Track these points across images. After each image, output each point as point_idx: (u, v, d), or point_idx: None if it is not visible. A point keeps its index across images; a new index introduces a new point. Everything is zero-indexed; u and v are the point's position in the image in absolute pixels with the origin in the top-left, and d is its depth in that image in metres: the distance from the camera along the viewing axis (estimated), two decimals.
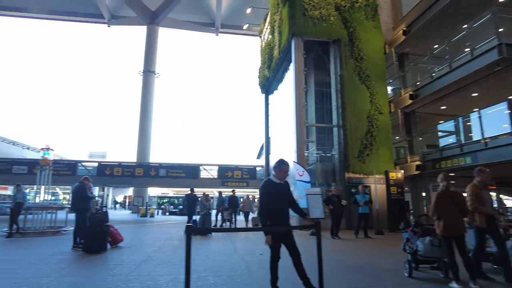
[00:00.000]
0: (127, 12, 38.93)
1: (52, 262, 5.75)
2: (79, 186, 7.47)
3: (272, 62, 18.33)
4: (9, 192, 30.78)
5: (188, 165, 22.66)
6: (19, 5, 37.32)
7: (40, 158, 26.23)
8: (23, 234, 9.87)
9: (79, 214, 7.34)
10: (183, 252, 7.29)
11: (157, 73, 36.06)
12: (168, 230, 13.02)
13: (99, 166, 21.56)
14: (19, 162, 20.96)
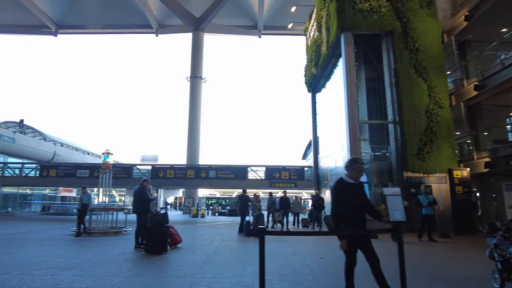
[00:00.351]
0: (173, 20, 40.42)
1: (119, 262, 5.93)
2: (140, 188, 7.69)
3: (320, 59, 17.84)
4: (73, 194, 33.37)
5: (236, 166, 22.84)
6: (80, 23, 40.36)
7: (99, 163, 28.13)
8: (89, 234, 10.48)
9: (140, 215, 7.55)
10: (241, 253, 7.26)
11: (203, 78, 36.96)
12: (221, 230, 13.12)
13: (153, 169, 22.49)
14: (82, 166, 22.54)
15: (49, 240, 9.19)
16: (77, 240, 9.25)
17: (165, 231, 7.04)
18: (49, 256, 6.33)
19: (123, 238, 9.90)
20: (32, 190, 29.34)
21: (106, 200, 12.35)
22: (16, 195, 27.49)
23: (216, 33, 41.58)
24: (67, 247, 7.83)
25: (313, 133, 21.61)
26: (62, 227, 14.20)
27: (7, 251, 6.94)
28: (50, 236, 10.31)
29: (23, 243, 8.48)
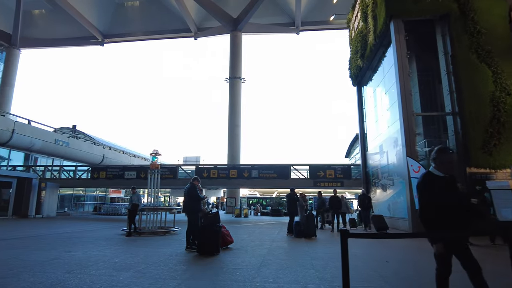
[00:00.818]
0: (211, 23, 40.93)
1: (172, 263, 5.74)
2: (190, 187, 7.53)
3: (366, 50, 16.90)
4: (122, 195, 34.89)
5: (279, 165, 22.39)
6: (123, 31, 42.20)
7: (145, 164, 29.05)
8: (139, 234, 10.60)
9: (191, 215, 7.38)
10: (297, 255, 6.81)
11: (242, 79, 36.96)
12: (269, 231, 12.76)
13: (197, 169, 22.72)
14: (129, 168, 23.33)
15: (103, 239, 9.37)
16: (128, 240, 9.34)
17: (217, 231, 6.79)
18: (105, 256, 6.32)
19: (172, 238, 9.86)
20: (85, 191, 30.99)
21: (152, 200, 12.49)
22: (71, 196, 29.14)
23: (253, 32, 41.47)
24: (120, 247, 7.87)
25: (360, 129, 20.60)
26: (113, 226, 14.65)
27: (67, 249, 7.07)
28: (103, 235, 10.56)
29: (81, 242, 8.69)
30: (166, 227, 11.48)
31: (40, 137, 24.17)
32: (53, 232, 11.42)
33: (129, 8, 42.78)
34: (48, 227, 14.21)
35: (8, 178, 20.82)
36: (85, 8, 37.95)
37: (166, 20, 41.86)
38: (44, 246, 7.69)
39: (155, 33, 43.11)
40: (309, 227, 10.30)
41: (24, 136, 22.73)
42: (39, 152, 25.17)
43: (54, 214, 23.40)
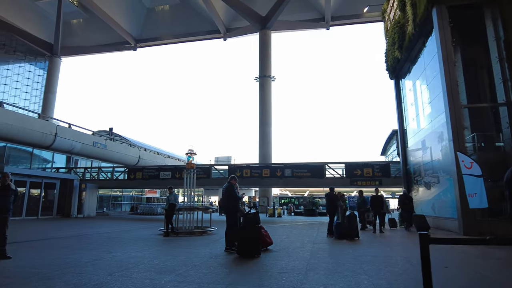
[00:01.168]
0: (239, 23, 40.94)
1: (213, 266, 5.51)
2: (228, 187, 7.29)
3: (405, 40, 15.95)
4: (157, 195, 35.69)
5: (313, 164, 21.81)
6: (155, 36, 43.24)
7: (180, 164, 29.45)
8: (177, 234, 10.55)
9: (230, 215, 7.14)
10: (343, 259, 6.31)
11: (272, 77, 36.61)
12: (307, 232, 12.31)
13: (230, 169, 22.65)
14: (164, 168, 23.72)
15: (141, 239, 9.38)
16: (166, 240, 9.28)
17: (257, 232, 6.49)
18: (145, 258, 6.22)
19: (210, 238, 9.70)
20: (122, 192, 31.96)
21: (187, 200, 12.43)
22: (109, 196, 30.14)
23: (282, 30, 41.02)
24: (159, 248, 7.79)
25: (398, 124, 19.57)
26: (150, 226, 14.83)
27: (108, 250, 7.07)
28: (141, 235, 10.62)
29: (120, 242, 8.73)
30: (203, 227, 11.38)
31: (79, 140, 25.17)
32: (93, 232, 11.68)
33: (160, 12, 43.75)
34: (88, 226, 14.63)
35: (52, 179, 21.83)
36: (118, 14, 39.22)
37: (195, 23, 42.35)
38: (85, 246, 7.77)
39: (185, 36, 43.74)
40: (351, 228, 9.76)
41: (65, 139, 23.75)
42: (79, 154, 26.22)
43: (94, 214, 24.27)
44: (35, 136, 21.51)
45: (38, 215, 20.11)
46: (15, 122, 20.07)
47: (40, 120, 23.25)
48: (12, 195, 6.18)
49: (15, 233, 11.02)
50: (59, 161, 25.91)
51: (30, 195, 20.49)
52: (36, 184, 20.60)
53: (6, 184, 6.15)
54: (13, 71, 39.86)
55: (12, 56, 39.40)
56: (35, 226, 14.46)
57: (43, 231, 12.49)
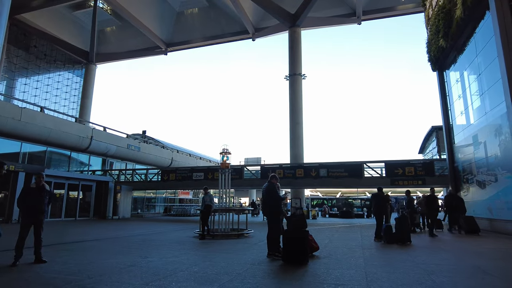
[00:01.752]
0: (268, 22, 40.45)
1: (259, 275, 4.92)
2: (269, 186, 6.70)
3: (452, 27, 14.66)
4: (190, 196, 35.82)
5: (350, 163, 20.72)
6: (184, 39, 43.72)
7: (212, 166, 29.29)
8: (213, 236, 10.09)
9: (272, 218, 6.52)
10: (405, 268, 5.29)
11: (303, 75, 35.73)
12: (349, 235, 11.45)
13: (262, 169, 22.10)
14: (197, 169, 23.58)
15: (177, 242, 8.99)
16: (203, 244, 8.82)
17: (305, 236, 5.83)
18: (183, 263, 5.74)
19: (248, 242, 9.14)
20: (155, 194, 32.32)
21: (222, 201, 11.97)
22: (143, 198, 30.54)
23: (312, 26, 40.02)
24: (196, 252, 7.32)
25: (443, 119, 18.17)
26: (184, 228, 14.55)
27: (143, 255, 6.69)
28: (177, 238, 10.26)
29: (155, 245, 8.38)
30: (239, 229, 10.84)
31: (114, 143, 25.64)
32: (128, 234, 11.49)
33: (189, 15, 44.15)
34: (123, 228, 14.59)
35: (89, 181, 22.30)
36: (149, 20, 39.97)
37: (224, 24, 42.41)
38: (121, 250, 7.45)
39: (214, 38, 43.84)
40: (403, 232, 8.83)
41: (100, 142, 24.24)
42: (114, 157, 26.73)
43: (129, 216, 24.57)
44: (72, 139, 22.08)
45: (76, 217, 20.56)
46: (54, 126, 20.68)
47: (77, 124, 23.89)
48: (47, 197, 5.94)
49: (53, 235, 11.06)
50: (95, 165, 26.56)
51: (69, 197, 21.00)
52: (74, 186, 21.11)
53: (41, 185, 5.92)
54: (53, 79, 41.65)
55: (53, 65, 41.23)
56: (72, 228, 14.62)
57: (79, 233, 12.51)
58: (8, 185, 16.94)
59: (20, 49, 37.00)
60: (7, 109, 18.54)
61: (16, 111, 18.77)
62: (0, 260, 5.80)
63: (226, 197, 11.29)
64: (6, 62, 35.49)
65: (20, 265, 5.46)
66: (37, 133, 19.81)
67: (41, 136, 20.14)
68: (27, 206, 5.74)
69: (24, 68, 37.70)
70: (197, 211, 24.86)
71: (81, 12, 40.36)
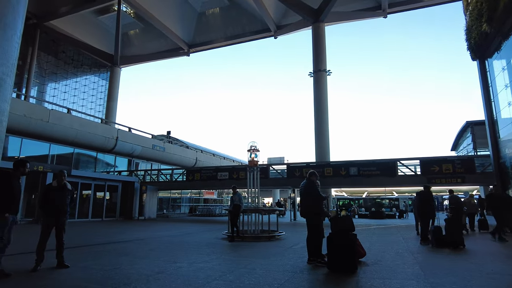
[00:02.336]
0: (290, 19, 39.71)
1: (303, 285, 4.25)
2: (308, 184, 6.02)
3: (497, 9, 13.40)
4: (215, 196, 35.53)
5: (383, 161, 19.60)
6: (206, 39, 43.67)
7: (237, 165, 28.82)
8: (242, 238, 9.49)
9: (313, 219, 5.83)
10: (474, 279, 4.13)
11: (328, 71, 34.69)
12: (390, 238, 10.53)
13: (288, 168, 21.34)
14: (222, 169, 23.13)
15: (206, 245, 8.45)
16: (233, 246, 8.24)
17: (353, 242, 5.10)
18: (215, 270, 5.15)
19: (281, 245, 8.46)
20: (180, 194, 32.24)
21: (251, 200, 11.34)
22: (168, 198, 30.50)
23: (336, 21, 38.85)
24: (228, 256, 6.73)
25: (486, 112, 16.79)
26: (211, 229, 14.07)
27: (171, 259, 6.16)
28: (204, 240, 9.73)
29: (183, 248, 7.87)
30: (270, 231, 10.18)
31: (139, 143, 25.66)
32: (154, 236, 11.10)
33: (210, 16, 44.02)
34: (149, 229, 14.28)
35: (115, 182, 22.34)
36: (171, 22, 40.13)
37: (245, 23, 41.98)
38: (147, 254, 6.96)
39: (235, 37, 43.51)
40: (453, 234, 7.88)
41: (126, 142, 24.30)
42: (139, 157, 26.78)
43: (155, 216, 24.48)
44: (98, 140, 22.21)
45: (103, 217, 20.58)
46: (80, 127, 20.84)
47: (102, 125, 24.06)
48: (69, 196, 5.52)
49: (80, 236, 10.83)
50: (121, 166, 26.71)
51: (95, 197, 21.09)
52: (100, 187, 21.18)
53: (63, 183, 5.50)
54: (80, 83, 42.64)
55: (80, 69, 42.24)
56: (99, 228, 14.46)
57: (105, 234, 12.26)
58: (37, 186, 17.11)
59: (49, 55, 38.07)
60: (36, 111, 18.80)
61: (44, 113, 19.00)
62: (22, 264, 5.43)
63: (255, 196, 10.63)
64: (37, 67, 36.56)
65: (42, 269, 5.06)
66: (64, 134, 20.02)
67: (68, 137, 20.33)
68: (49, 206, 5.34)
69: (53, 73, 38.78)
70: (224, 211, 24.40)
71: (105, 17, 41.09)
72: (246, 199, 11.79)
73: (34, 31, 35.63)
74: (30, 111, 18.24)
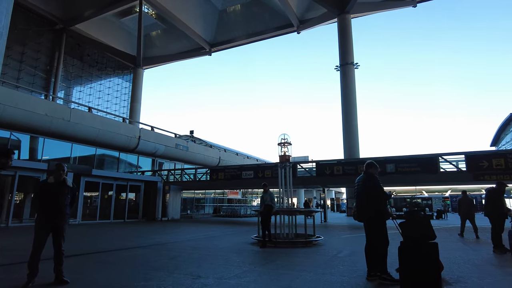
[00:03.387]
0: (313, 13, 38.33)
1: None
2: (366, 179, 4.81)
3: None
4: (239, 196, 34.54)
5: (423, 156, 17.81)
6: (228, 38, 42.95)
7: (262, 164, 27.64)
8: (275, 244, 8.26)
9: (373, 222, 4.53)
10: None
11: (356, 63, 32.93)
12: (448, 244, 8.98)
13: (318, 166, 19.86)
14: (246, 167, 22.02)
15: (234, 252, 7.29)
16: (267, 254, 7.03)
17: (435, 252, 3.77)
18: None
19: (323, 253, 7.17)
20: (204, 194, 31.49)
21: (285, 201, 10.10)
22: (192, 198, 29.80)
23: (363, 12, 36.94)
24: (264, 269, 5.49)
25: None
26: (237, 231, 12.95)
27: (194, 272, 5.02)
28: (232, 245, 8.57)
29: (208, 256, 6.75)
30: (306, 235, 8.90)
31: (162, 142, 25.00)
32: (177, 239, 10.07)
33: (232, 13, 43.21)
34: (172, 231, 13.34)
35: (137, 182, 21.70)
36: (193, 21, 39.68)
37: (268, 19, 40.88)
38: (166, 264, 5.83)
39: (257, 34, 42.49)
40: None
41: (148, 142, 23.66)
42: (162, 157, 26.13)
43: (178, 217, 23.70)
44: (120, 139, 21.64)
45: (125, 218, 19.89)
46: (101, 126, 20.31)
47: (124, 124, 23.50)
48: (69, 195, 4.49)
49: (93, 240, 9.95)
50: (144, 166, 26.14)
51: (117, 198, 20.49)
52: (122, 187, 20.54)
53: (62, 179, 4.49)
54: (105, 85, 42.96)
55: (104, 71, 42.59)
56: (118, 231, 13.64)
57: (124, 237, 11.34)
58: None
59: (75, 59, 38.55)
60: (58, 110, 18.40)
61: (66, 112, 18.58)
62: (16, 276, 4.45)
63: (288, 196, 9.39)
64: (63, 71, 37.01)
65: (36, 286, 4.07)
66: (85, 133, 19.51)
67: (89, 137, 19.82)
68: (43, 204, 4.33)
69: (78, 77, 39.20)
70: (252, 211, 23.16)
71: (127, 19, 41.19)
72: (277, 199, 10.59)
73: (60, 36, 36.15)
74: (51, 110, 17.83)
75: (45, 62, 34.95)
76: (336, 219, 24.94)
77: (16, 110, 16.11)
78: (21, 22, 31.70)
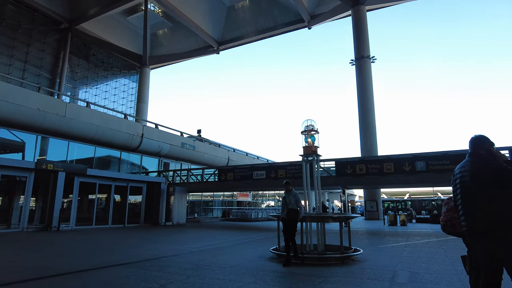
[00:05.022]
0: (324, 7, 36.62)
1: None
2: (493, 161, 2.80)
3: None
4: (249, 199, 32.64)
5: (456, 152, 15.59)
6: (236, 35, 41.48)
7: (275, 162, 25.67)
8: (302, 260, 6.33)
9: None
10: None
11: (372, 57, 30.88)
12: None
13: (337, 164, 17.83)
14: (258, 167, 20.14)
15: (249, 274, 5.40)
16: (293, 278, 5.12)
17: None
18: None
19: (372, 277, 5.22)
20: (213, 197, 29.77)
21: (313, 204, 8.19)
22: (200, 201, 28.13)
23: (377, 4, 34.88)
24: None
25: None
26: (249, 239, 11.08)
27: None
28: (246, 261, 6.66)
29: (215, 280, 4.89)
30: (343, 248, 6.89)
31: (167, 141, 23.32)
32: (176, 251, 8.19)
33: (240, 9, 41.68)
34: (174, 239, 11.52)
35: (138, 183, 19.95)
36: (200, 18, 38.40)
37: (277, 15, 39.26)
38: None
39: (266, 31, 40.92)
40: None
41: (152, 140, 21.99)
42: (167, 156, 24.42)
43: (184, 221, 21.92)
44: (121, 137, 19.97)
45: (125, 223, 18.10)
46: (101, 122, 18.66)
47: (126, 121, 21.75)
48: None
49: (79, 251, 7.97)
50: (148, 166, 24.46)
51: (116, 200, 18.74)
52: (122, 188, 18.77)
53: None
54: (111, 85, 41.88)
55: (110, 71, 41.51)
56: (113, 238, 11.86)
57: (112, 249, 9.45)
58: (47, 187, 14.89)
59: (80, 59, 37.57)
60: (51, 104, 16.81)
61: (61, 107, 16.98)
62: None
63: (317, 199, 7.47)
64: (69, 71, 35.98)
65: None
66: (83, 130, 17.86)
67: (87, 134, 18.15)
68: None
69: (84, 77, 38.20)
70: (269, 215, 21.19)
71: (134, 17, 40.10)
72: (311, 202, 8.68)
73: (66, 35, 35.19)
74: (44, 105, 16.24)
75: (50, 62, 33.86)
76: (354, 223, 22.87)
77: (2, 103, 14.54)
78: (26, 22, 30.71)
